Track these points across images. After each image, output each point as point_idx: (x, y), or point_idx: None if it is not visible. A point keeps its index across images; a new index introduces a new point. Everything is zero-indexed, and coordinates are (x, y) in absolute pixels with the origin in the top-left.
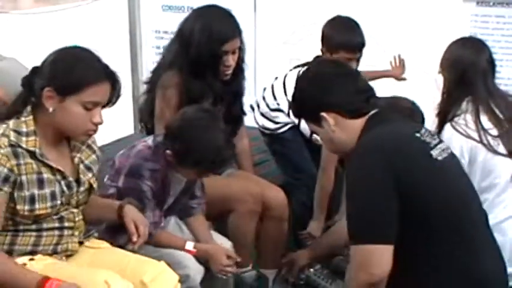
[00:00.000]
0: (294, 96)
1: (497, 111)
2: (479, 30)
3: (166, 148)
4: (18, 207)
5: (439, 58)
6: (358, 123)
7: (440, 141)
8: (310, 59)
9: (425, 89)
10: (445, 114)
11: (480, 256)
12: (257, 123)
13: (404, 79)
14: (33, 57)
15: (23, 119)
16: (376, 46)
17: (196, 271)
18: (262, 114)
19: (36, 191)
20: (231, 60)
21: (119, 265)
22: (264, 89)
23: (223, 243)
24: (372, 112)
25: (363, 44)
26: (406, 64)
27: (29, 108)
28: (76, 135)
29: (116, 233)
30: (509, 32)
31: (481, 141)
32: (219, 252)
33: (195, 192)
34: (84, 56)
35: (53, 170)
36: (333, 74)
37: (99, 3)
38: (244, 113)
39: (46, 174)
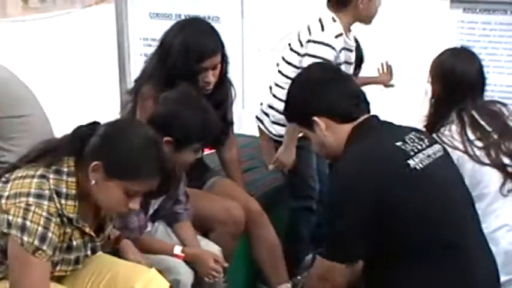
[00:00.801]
0: (286, 101)
1: (483, 123)
2: (465, 36)
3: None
4: None
5: (427, 64)
6: (347, 128)
7: (430, 146)
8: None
9: (412, 95)
10: (433, 126)
11: (471, 265)
12: (271, 133)
13: (392, 86)
14: (22, 65)
15: (64, 177)
16: (363, 52)
17: (187, 276)
18: (275, 122)
19: (61, 257)
20: (210, 77)
21: (110, 272)
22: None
23: (212, 248)
24: (359, 120)
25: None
26: (394, 70)
27: (71, 163)
28: (107, 211)
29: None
30: (496, 39)
31: (466, 152)
32: (206, 256)
33: (179, 197)
34: (138, 138)
35: (83, 233)
36: (324, 79)
37: (87, 11)
38: (231, 123)
39: (76, 241)
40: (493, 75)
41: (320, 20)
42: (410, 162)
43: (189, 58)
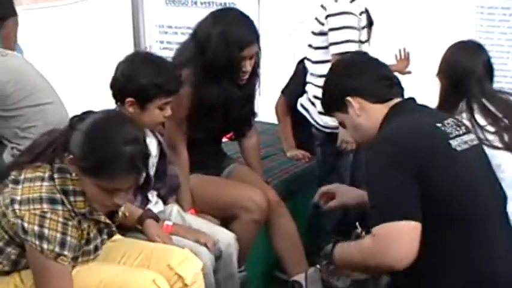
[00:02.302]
0: (322, 87)
1: (492, 109)
2: (485, 22)
3: (123, 99)
4: None
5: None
6: (382, 109)
7: (467, 133)
8: None
9: (428, 82)
10: None
11: (492, 254)
12: (317, 123)
13: (409, 73)
14: (35, 52)
15: (68, 175)
16: (381, 39)
17: (209, 259)
18: (321, 113)
19: (82, 249)
20: (248, 66)
21: (143, 252)
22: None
23: (226, 235)
24: (396, 101)
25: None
26: (411, 56)
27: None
28: (94, 207)
29: None
30: None
31: (477, 137)
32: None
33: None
34: (116, 138)
35: (98, 221)
36: (356, 62)
37: None
38: (254, 115)
39: (92, 232)
40: None
41: None
42: (452, 142)
43: (230, 47)
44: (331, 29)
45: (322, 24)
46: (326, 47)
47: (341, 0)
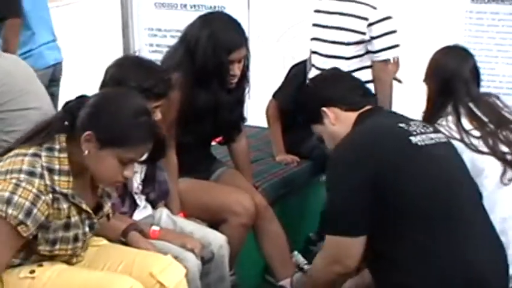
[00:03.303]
0: (298, 101)
1: (478, 113)
2: (474, 27)
3: None
4: (40, 247)
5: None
6: (353, 116)
7: (435, 132)
8: (304, 56)
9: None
10: (430, 121)
11: (469, 244)
12: None
13: (399, 80)
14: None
15: (56, 154)
16: None
17: (194, 264)
18: None
19: (60, 234)
20: (236, 70)
21: (125, 260)
22: None
23: (217, 237)
24: (365, 108)
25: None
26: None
27: (63, 139)
28: (102, 183)
29: None
30: (504, 29)
31: (462, 141)
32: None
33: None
34: (129, 107)
35: (80, 209)
36: (330, 75)
37: (93, 0)
38: (243, 120)
39: (74, 218)
40: (501, 66)
41: (359, 2)
42: (412, 138)
43: (218, 51)
44: (377, 37)
45: (362, 33)
46: (361, 55)
47: (379, 6)
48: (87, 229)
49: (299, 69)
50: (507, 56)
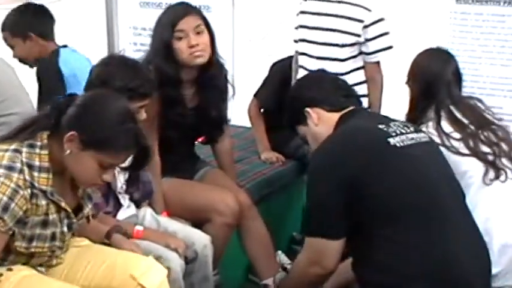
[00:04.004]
0: (285, 103)
1: (459, 116)
2: (458, 27)
3: None
4: (16, 243)
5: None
6: (335, 117)
7: (415, 132)
8: (285, 54)
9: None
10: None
11: (449, 244)
12: None
13: None
14: (7, 53)
15: (37, 150)
16: None
17: (177, 263)
18: None
19: (38, 231)
20: (193, 40)
21: (107, 261)
22: None
23: (201, 237)
24: (347, 109)
25: None
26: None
27: (45, 136)
28: (81, 183)
29: None
30: (488, 30)
31: (443, 144)
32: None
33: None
34: (117, 112)
35: (59, 208)
36: (314, 76)
37: None
38: (225, 121)
39: (52, 216)
40: (485, 67)
41: (353, 4)
42: (390, 140)
43: (163, 28)
44: (371, 39)
45: (357, 35)
46: (355, 56)
47: (373, 8)
48: (65, 228)
49: (279, 68)
50: (491, 56)
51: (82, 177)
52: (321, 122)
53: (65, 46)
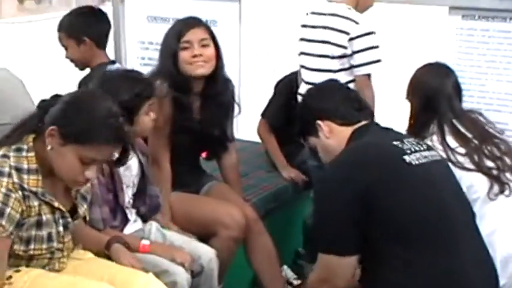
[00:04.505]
0: (297, 114)
1: (463, 130)
2: (464, 43)
3: None
4: (15, 247)
5: None
6: (348, 131)
7: (428, 150)
8: (290, 69)
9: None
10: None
11: (460, 264)
12: None
13: None
14: (17, 66)
15: (24, 154)
16: None
17: (183, 277)
18: None
19: (33, 232)
20: (196, 50)
21: (107, 276)
22: None
23: (207, 251)
24: (361, 124)
25: None
26: (390, 76)
27: (30, 139)
28: (64, 180)
29: None
30: (495, 46)
31: (449, 159)
32: (173, 249)
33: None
34: (100, 108)
35: (53, 208)
36: (326, 87)
37: None
38: (229, 138)
39: (45, 216)
40: (491, 83)
41: (343, 17)
42: (406, 157)
43: (169, 40)
44: (358, 51)
45: (344, 47)
46: (348, 68)
47: (360, 21)
48: (61, 228)
49: (283, 84)
50: (497, 72)
51: (64, 173)
52: (332, 135)
53: (113, 62)
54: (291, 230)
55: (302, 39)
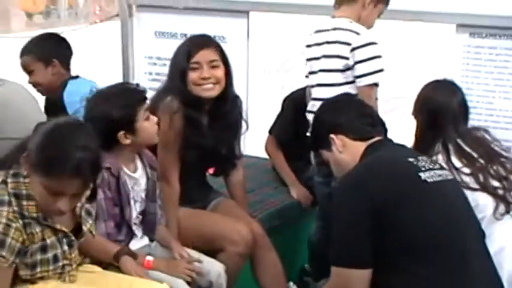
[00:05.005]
0: (311, 126)
1: (468, 150)
2: (471, 61)
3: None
4: (21, 273)
5: None
6: (361, 146)
7: (441, 169)
8: (297, 86)
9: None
10: None
11: (469, 283)
12: None
13: None
14: (26, 80)
15: (21, 179)
16: None
17: None
18: None
19: (39, 257)
20: (205, 72)
21: (122, 286)
22: None
23: (216, 266)
24: (375, 139)
25: None
26: (399, 94)
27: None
28: (42, 209)
29: None
30: (502, 64)
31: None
32: (177, 261)
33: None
34: (69, 140)
35: (56, 230)
36: (341, 101)
37: (92, 28)
38: (237, 157)
39: (49, 239)
40: (499, 100)
41: (344, 29)
42: (422, 174)
43: (179, 57)
44: (360, 61)
45: (346, 58)
46: (352, 82)
47: (362, 32)
48: (66, 247)
49: (291, 100)
50: (504, 90)
51: (39, 201)
52: (345, 150)
53: (76, 77)
54: (297, 247)
55: (309, 59)
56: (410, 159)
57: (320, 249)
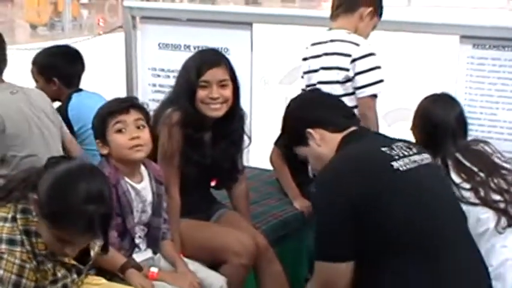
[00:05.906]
0: (282, 125)
1: (467, 164)
2: (475, 72)
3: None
4: None
5: None
6: (338, 138)
7: (418, 153)
8: None
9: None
10: None
11: (449, 272)
12: None
13: None
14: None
15: (30, 217)
16: None
17: None
18: None
19: None
20: (215, 93)
21: None
22: None
23: (217, 279)
24: (349, 130)
25: None
26: (402, 105)
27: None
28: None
29: None
30: (506, 75)
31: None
32: (182, 278)
33: (164, 214)
34: (77, 192)
35: (65, 263)
36: (312, 96)
37: (96, 40)
38: (238, 171)
39: (60, 272)
40: (502, 112)
41: (343, 40)
42: (394, 164)
43: (188, 72)
44: (360, 72)
45: (347, 69)
46: (351, 94)
47: (361, 43)
48: (75, 276)
49: None
50: (508, 101)
51: (46, 243)
52: (323, 143)
53: (80, 90)
54: (300, 258)
55: (306, 72)
56: (383, 149)
57: None
